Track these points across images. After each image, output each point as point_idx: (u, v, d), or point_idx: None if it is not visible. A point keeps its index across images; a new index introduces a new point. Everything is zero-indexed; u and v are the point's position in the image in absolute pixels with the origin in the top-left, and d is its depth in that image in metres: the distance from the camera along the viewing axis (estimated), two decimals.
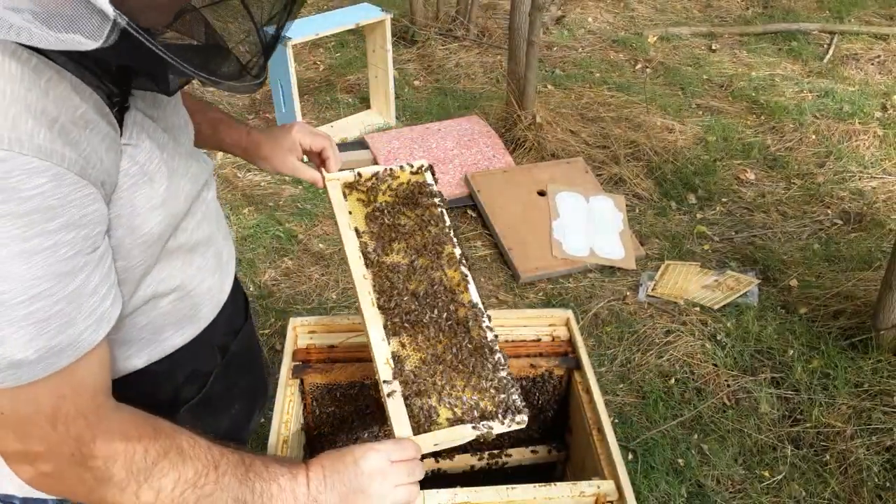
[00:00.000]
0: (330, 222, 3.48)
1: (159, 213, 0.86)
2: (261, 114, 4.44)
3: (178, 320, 1.00)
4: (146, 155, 0.84)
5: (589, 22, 5.82)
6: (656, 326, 2.81)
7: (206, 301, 1.04)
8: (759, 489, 2.23)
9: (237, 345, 1.17)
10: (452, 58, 5.14)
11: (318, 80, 4.96)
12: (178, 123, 0.98)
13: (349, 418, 1.56)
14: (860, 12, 5.90)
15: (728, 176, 3.83)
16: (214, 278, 1.05)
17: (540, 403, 1.58)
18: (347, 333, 1.56)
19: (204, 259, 1.01)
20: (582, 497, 1.22)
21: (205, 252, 1.01)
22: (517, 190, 3.49)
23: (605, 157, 3.86)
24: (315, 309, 2.92)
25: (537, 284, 3.08)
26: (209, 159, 1.09)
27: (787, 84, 4.78)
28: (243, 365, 1.21)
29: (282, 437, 1.33)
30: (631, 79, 4.91)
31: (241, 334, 1.19)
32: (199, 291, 1.01)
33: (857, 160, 3.93)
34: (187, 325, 1.02)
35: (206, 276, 1.02)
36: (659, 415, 2.46)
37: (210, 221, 1.03)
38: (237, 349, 1.17)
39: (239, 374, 1.19)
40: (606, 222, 3.34)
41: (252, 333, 1.27)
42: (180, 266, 0.97)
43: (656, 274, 3.09)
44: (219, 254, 1.07)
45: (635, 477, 2.24)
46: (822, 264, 3.18)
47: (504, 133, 3.98)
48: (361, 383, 1.51)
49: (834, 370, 2.58)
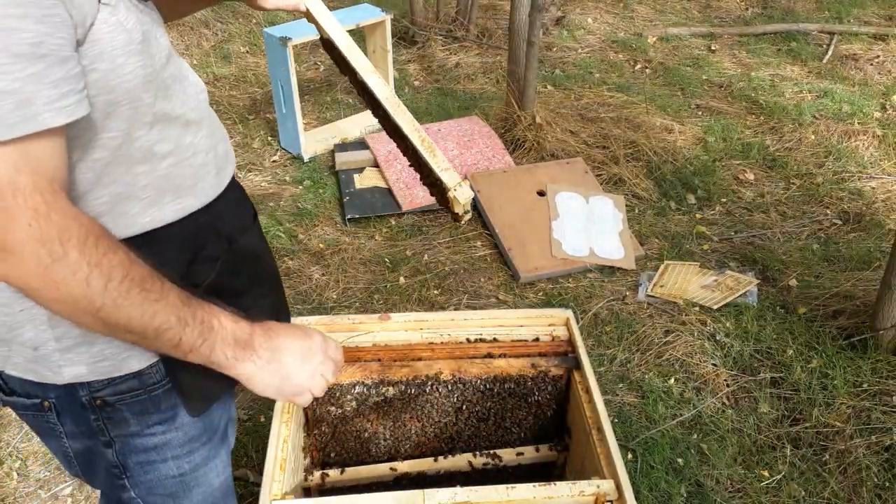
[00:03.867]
0: (330, 222, 3.48)
1: (139, 59, 0.92)
2: (261, 114, 4.45)
3: (176, 188, 1.04)
4: (124, 15, 0.90)
5: (589, 23, 5.82)
6: (656, 326, 2.81)
7: (201, 176, 1.09)
8: (759, 489, 2.23)
9: (246, 240, 1.20)
10: (452, 58, 5.15)
11: (318, 80, 4.96)
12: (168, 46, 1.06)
13: (349, 418, 1.57)
14: (859, 13, 5.91)
15: (727, 176, 3.84)
16: (207, 158, 1.10)
17: (539, 403, 1.58)
18: (347, 333, 1.57)
19: (195, 137, 1.07)
20: (581, 496, 1.22)
21: (196, 132, 1.07)
22: (517, 190, 3.50)
23: (605, 157, 3.86)
24: (315, 309, 2.93)
25: (537, 284, 3.09)
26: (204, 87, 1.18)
27: (786, 84, 4.79)
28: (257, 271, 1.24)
29: (282, 436, 1.33)
30: (630, 79, 4.92)
31: (249, 236, 1.23)
32: (193, 164, 1.07)
33: (856, 160, 3.93)
34: (186, 195, 1.06)
35: (198, 153, 1.08)
36: (658, 414, 2.46)
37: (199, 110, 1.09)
38: (246, 244, 1.20)
39: (253, 276, 1.22)
40: (606, 222, 3.35)
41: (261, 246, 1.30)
42: (175, 135, 1.03)
43: (656, 274, 3.09)
44: (214, 143, 1.13)
45: (635, 476, 2.25)
46: (822, 264, 3.18)
47: (504, 133, 3.99)
48: (361, 383, 1.52)
49: (833, 370, 2.58)
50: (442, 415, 1.58)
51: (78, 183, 0.94)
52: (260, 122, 4.35)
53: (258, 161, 3.98)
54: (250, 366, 1.02)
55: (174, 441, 1.16)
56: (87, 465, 1.18)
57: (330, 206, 3.62)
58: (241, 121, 4.36)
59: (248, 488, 2.16)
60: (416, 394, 1.54)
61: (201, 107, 1.11)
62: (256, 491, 1.27)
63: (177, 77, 1.05)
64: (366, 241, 3.35)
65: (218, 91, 4.76)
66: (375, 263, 3.21)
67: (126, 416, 1.10)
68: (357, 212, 3.49)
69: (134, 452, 1.15)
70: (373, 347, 1.55)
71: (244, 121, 4.38)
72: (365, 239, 3.37)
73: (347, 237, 3.38)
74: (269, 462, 1.28)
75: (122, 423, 1.11)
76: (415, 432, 1.60)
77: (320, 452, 1.61)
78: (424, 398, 1.55)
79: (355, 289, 3.06)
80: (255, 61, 5.18)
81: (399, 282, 3.10)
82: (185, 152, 1.06)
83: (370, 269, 3.18)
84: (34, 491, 2.22)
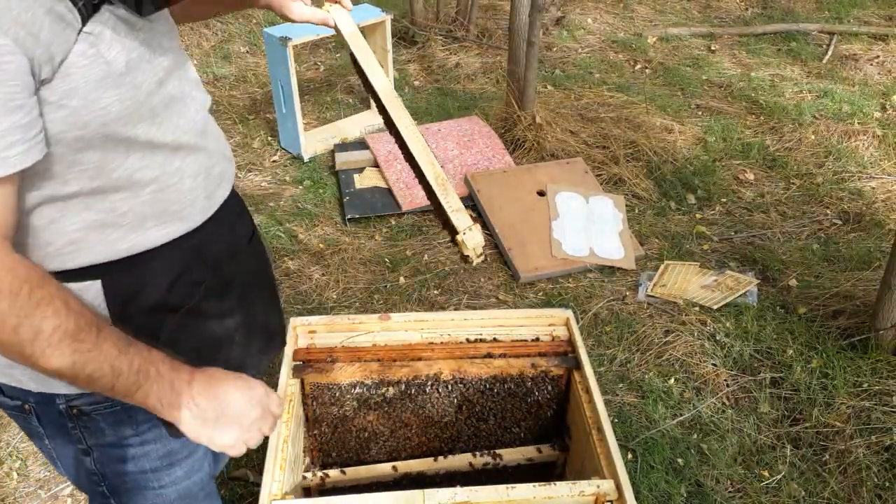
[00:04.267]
0: (330, 222, 3.48)
1: (116, 92, 0.90)
2: (261, 114, 4.45)
3: (160, 213, 1.04)
4: (107, 45, 0.89)
5: (588, 23, 5.82)
6: (656, 326, 2.81)
7: (189, 201, 1.07)
8: (759, 489, 2.23)
9: (234, 269, 1.18)
10: (452, 58, 5.15)
11: (318, 80, 4.96)
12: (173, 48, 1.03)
13: (349, 418, 1.57)
14: (859, 13, 5.91)
15: (727, 176, 3.84)
16: (196, 182, 1.08)
17: (539, 403, 1.58)
18: (347, 333, 1.57)
19: (184, 162, 1.05)
20: (581, 496, 1.22)
21: (186, 156, 1.06)
22: (517, 190, 3.50)
23: (605, 157, 3.86)
24: (315, 309, 2.93)
25: (537, 284, 3.09)
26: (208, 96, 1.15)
27: (786, 84, 4.78)
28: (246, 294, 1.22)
29: (282, 436, 1.33)
30: (630, 79, 4.92)
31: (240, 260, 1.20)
32: (181, 189, 1.05)
33: (856, 160, 3.93)
34: (171, 221, 1.06)
35: (185, 178, 1.06)
36: (658, 414, 2.46)
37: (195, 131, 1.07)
38: (234, 274, 1.18)
39: (240, 303, 1.20)
40: (606, 222, 3.35)
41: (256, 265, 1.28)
42: (160, 161, 1.01)
43: (656, 274, 3.09)
44: (208, 166, 1.11)
45: (635, 476, 2.25)
46: (822, 264, 3.18)
47: (504, 133, 3.99)
48: (361, 383, 1.52)
49: (833, 370, 2.58)
50: (442, 415, 1.58)
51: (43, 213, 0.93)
52: (260, 122, 4.35)
53: (258, 161, 3.98)
54: (186, 412, 1.00)
55: (152, 454, 1.16)
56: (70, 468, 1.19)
57: (330, 206, 3.62)
58: (241, 121, 4.36)
59: (248, 488, 2.16)
60: (416, 394, 1.54)
61: (197, 127, 1.09)
62: (256, 491, 1.26)
63: (174, 98, 1.02)
64: (366, 241, 3.35)
65: (218, 91, 4.76)
66: (375, 263, 3.21)
67: (102, 427, 1.10)
68: (357, 212, 3.49)
69: (111, 462, 1.15)
70: (373, 347, 1.55)
71: (244, 121, 4.38)
72: (365, 239, 3.37)
73: (347, 237, 3.38)
74: (269, 462, 1.28)
75: (98, 433, 1.11)
76: (415, 432, 1.60)
77: (320, 452, 1.61)
78: (424, 398, 1.55)
79: (355, 289, 3.06)
80: (255, 61, 5.18)
81: (399, 282, 3.10)
82: (172, 178, 1.04)
83: (370, 269, 3.18)
84: (34, 491, 2.22)
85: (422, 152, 1.23)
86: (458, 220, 1.21)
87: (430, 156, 1.23)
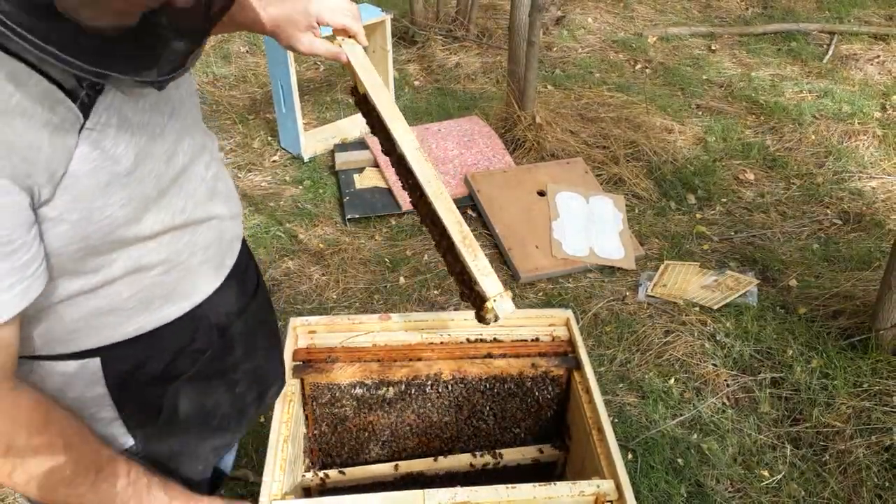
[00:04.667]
0: (330, 222, 3.48)
1: (122, 194, 0.85)
2: (261, 114, 4.45)
3: (168, 293, 0.99)
4: (112, 139, 0.82)
5: (589, 22, 5.82)
6: (656, 326, 2.81)
7: (198, 276, 1.03)
8: (759, 489, 2.23)
9: (241, 325, 1.15)
10: (452, 58, 5.15)
11: (318, 80, 4.96)
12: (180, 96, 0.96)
13: (349, 418, 1.57)
14: (860, 12, 5.91)
15: (727, 176, 3.84)
16: (208, 254, 1.03)
17: (539, 403, 1.58)
18: (347, 333, 1.57)
19: (193, 236, 1.00)
20: (582, 496, 1.22)
21: (196, 229, 1.00)
22: (517, 190, 3.50)
23: (605, 157, 3.86)
24: (315, 309, 2.93)
25: (537, 284, 3.09)
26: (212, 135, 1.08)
27: (786, 84, 4.78)
28: (250, 346, 1.19)
29: (282, 436, 1.33)
30: (631, 79, 4.92)
31: (247, 314, 1.17)
32: (189, 266, 1.01)
33: (856, 160, 3.93)
34: (179, 299, 1.02)
35: (196, 252, 1.01)
36: (658, 414, 2.46)
37: (205, 200, 1.01)
38: (241, 330, 1.15)
39: (245, 355, 1.18)
40: (606, 222, 3.35)
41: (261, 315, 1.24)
42: (168, 241, 0.96)
43: (656, 274, 3.09)
44: (220, 232, 1.06)
45: (635, 476, 2.24)
46: (822, 264, 3.18)
47: (504, 133, 3.99)
48: (361, 383, 1.52)
49: (833, 370, 2.58)
50: (442, 415, 1.58)
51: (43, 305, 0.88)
52: (260, 122, 4.35)
53: (258, 161, 3.98)
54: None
55: None
56: None
57: (330, 206, 3.62)
58: (240, 121, 4.36)
59: (248, 488, 2.16)
60: (416, 394, 1.54)
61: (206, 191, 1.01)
62: (256, 491, 1.26)
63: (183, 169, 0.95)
64: (366, 241, 3.35)
65: (218, 91, 4.76)
66: (375, 263, 3.21)
67: None
68: (357, 212, 3.49)
69: None
70: (373, 347, 1.55)
71: (244, 121, 4.38)
72: (365, 239, 3.37)
73: (347, 237, 3.38)
74: (269, 462, 1.28)
75: None
76: (415, 432, 1.60)
77: (320, 452, 1.61)
78: (424, 398, 1.55)
79: (355, 289, 3.06)
80: (255, 61, 5.18)
81: (399, 282, 3.10)
82: (181, 255, 0.99)
83: (370, 269, 3.18)
84: None
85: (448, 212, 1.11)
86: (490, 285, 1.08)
87: (456, 215, 1.11)
